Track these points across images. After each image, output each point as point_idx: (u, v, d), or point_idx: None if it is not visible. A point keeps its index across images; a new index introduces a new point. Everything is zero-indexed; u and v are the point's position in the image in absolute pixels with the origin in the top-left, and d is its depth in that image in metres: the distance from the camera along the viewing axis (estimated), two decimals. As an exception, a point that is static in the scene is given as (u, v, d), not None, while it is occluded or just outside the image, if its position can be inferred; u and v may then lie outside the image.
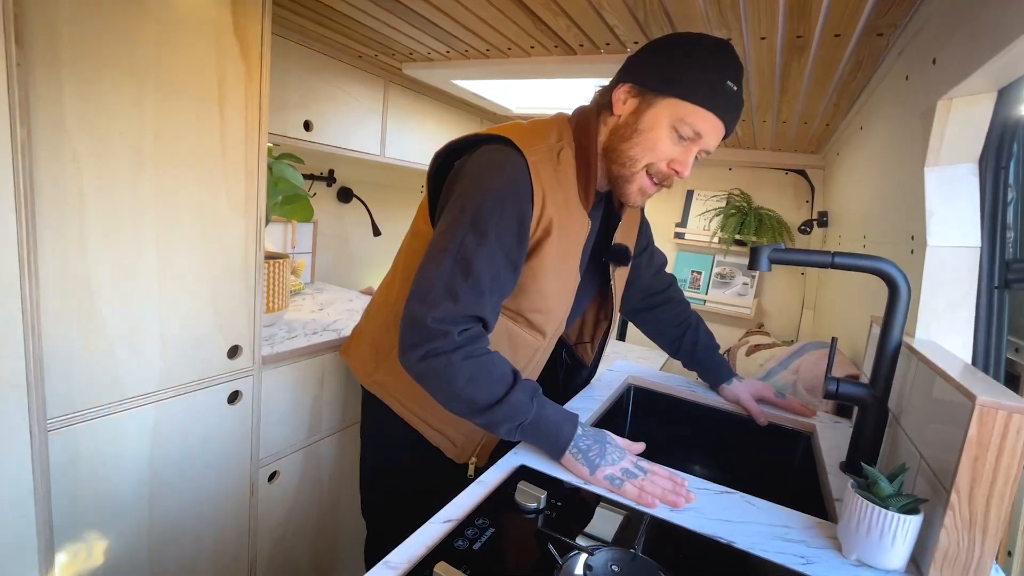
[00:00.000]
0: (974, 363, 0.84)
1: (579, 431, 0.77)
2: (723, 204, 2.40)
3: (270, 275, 1.23)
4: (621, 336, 2.80)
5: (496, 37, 1.16)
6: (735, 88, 0.77)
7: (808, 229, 2.14)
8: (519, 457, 0.80)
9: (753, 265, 0.91)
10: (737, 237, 2.28)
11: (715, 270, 2.49)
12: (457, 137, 0.85)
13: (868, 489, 0.63)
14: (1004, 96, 0.72)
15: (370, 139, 1.63)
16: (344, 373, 1.32)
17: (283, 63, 1.30)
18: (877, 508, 0.60)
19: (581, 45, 1.15)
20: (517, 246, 0.77)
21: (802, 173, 2.23)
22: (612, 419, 1.18)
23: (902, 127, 0.97)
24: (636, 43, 1.08)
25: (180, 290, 0.91)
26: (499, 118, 2.22)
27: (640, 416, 1.26)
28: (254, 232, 1.02)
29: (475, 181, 0.76)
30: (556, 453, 0.77)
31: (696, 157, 0.81)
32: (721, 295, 2.46)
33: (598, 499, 0.71)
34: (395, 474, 1.03)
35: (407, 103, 1.74)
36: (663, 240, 2.52)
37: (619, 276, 1.02)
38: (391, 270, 1.04)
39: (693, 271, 2.53)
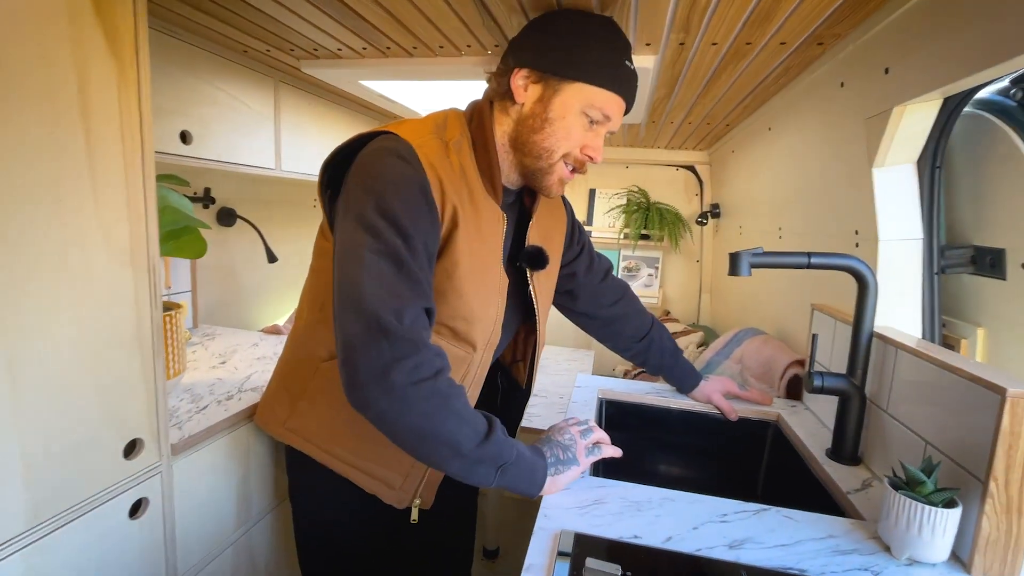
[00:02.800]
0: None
1: (549, 455, 0.76)
2: (624, 201, 2.50)
3: (165, 333, 0.94)
4: (538, 338, 2.80)
5: (430, 33, 1.02)
6: (632, 67, 0.78)
7: (704, 221, 2.31)
8: (552, 521, 0.70)
9: (734, 271, 0.91)
10: (643, 232, 2.39)
11: (622, 264, 2.59)
12: (342, 143, 0.76)
13: (909, 488, 0.65)
14: (947, 104, 0.79)
15: (263, 151, 1.36)
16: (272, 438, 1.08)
17: (151, 59, 1.01)
18: (923, 506, 0.62)
19: (525, 45, 1.06)
20: (432, 231, 0.71)
21: (691, 169, 2.41)
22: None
23: (833, 129, 1.05)
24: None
25: (44, 381, 0.64)
26: (401, 122, 2.04)
27: (614, 429, 1.23)
28: (147, 286, 0.76)
29: (369, 175, 0.70)
30: (534, 490, 0.74)
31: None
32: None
33: (673, 554, 0.64)
34: (333, 535, 0.90)
35: (303, 106, 1.49)
36: (572, 239, 2.55)
37: (541, 283, 0.93)
38: (300, 299, 0.90)
39: (602, 267, 2.60)
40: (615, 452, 0.84)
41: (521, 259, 0.88)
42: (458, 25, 0.97)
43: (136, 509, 0.79)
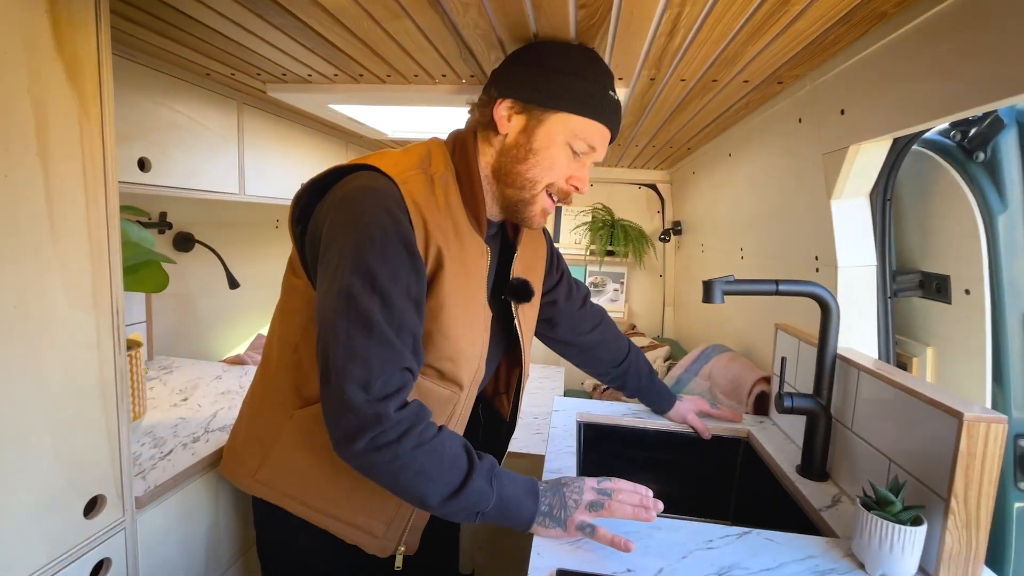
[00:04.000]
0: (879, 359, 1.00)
1: (544, 499, 0.73)
2: (589, 218, 2.55)
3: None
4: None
5: (405, 64, 1.02)
6: (615, 96, 0.78)
7: (667, 238, 2.39)
8: (544, 559, 0.69)
9: (708, 298, 0.94)
10: (609, 248, 2.44)
11: (589, 280, 2.64)
12: (316, 175, 0.74)
13: (879, 507, 0.69)
14: (896, 143, 0.86)
15: (226, 175, 1.31)
16: (244, 481, 1.03)
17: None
18: (893, 525, 0.66)
19: (500, 76, 1.07)
20: (415, 278, 0.68)
21: (653, 187, 2.49)
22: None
23: (792, 161, 1.11)
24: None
25: (-1, 443, 0.59)
26: (371, 143, 2.01)
27: (592, 451, 1.24)
28: (110, 329, 0.71)
29: (345, 221, 0.67)
30: (523, 529, 0.73)
31: None
32: (597, 302, 2.62)
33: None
34: None
35: (266, 128, 1.44)
36: (539, 256, 2.57)
37: (525, 315, 0.93)
38: (267, 339, 0.85)
39: (569, 283, 2.64)
40: (613, 542, 0.69)
41: (507, 292, 0.87)
42: (435, 57, 0.97)
43: (97, 571, 0.73)
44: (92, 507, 0.71)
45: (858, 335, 0.99)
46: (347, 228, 0.66)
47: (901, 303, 1.02)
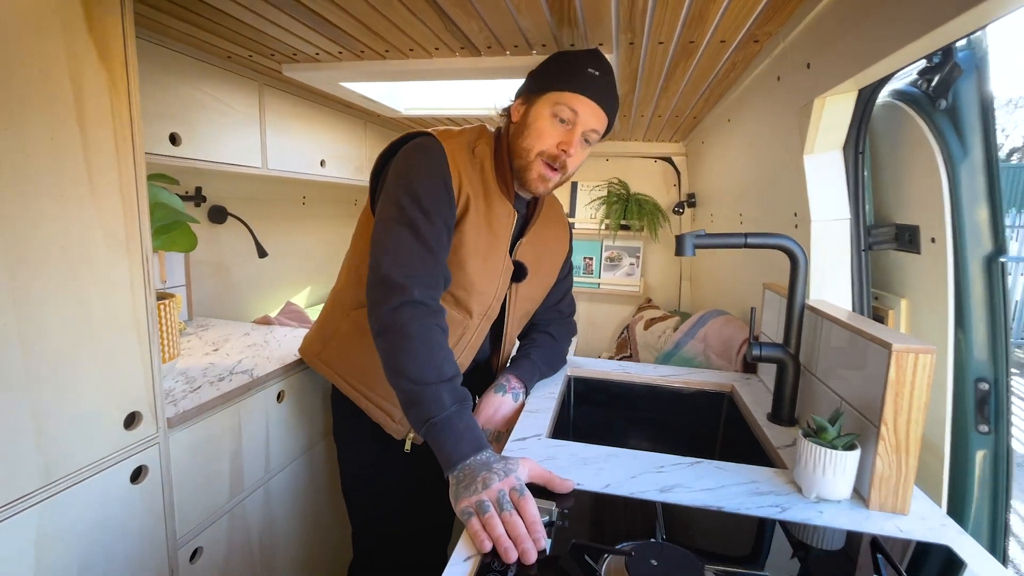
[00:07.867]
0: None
1: (477, 457, 0.70)
2: (605, 193, 2.58)
3: (159, 319, 1.03)
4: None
5: (399, 38, 1.10)
6: (597, 73, 0.91)
7: (681, 210, 2.40)
8: (506, 472, 0.78)
9: (680, 251, 0.99)
10: (622, 222, 2.47)
11: (604, 254, 2.67)
12: (392, 140, 0.96)
13: (816, 435, 0.74)
14: (861, 95, 0.87)
15: (250, 150, 1.44)
16: (263, 415, 1.17)
17: (141, 67, 1.09)
18: (827, 450, 0.71)
19: (489, 47, 1.14)
20: (448, 208, 0.89)
21: (668, 160, 2.49)
22: (558, 412, 1.21)
23: (774, 120, 1.13)
24: (544, 45, 1.10)
25: (52, 356, 0.72)
26: (388, 121, 2.11)
27: (582, 405, 1.32)
28: (141, 273, 0.84)
29: (404, 166, 0.89)
30: (445, 467, 0.72)
31: (587, 140, 0.94)
32: (612, 277, 2.66)
33: (607, 496, 0.72)
34: (355, 459, 1.11)
35: (287, 108, 1.57)
36: (555, 231, 2.63)
37: (519, 292, 1.07)
38: (341, 266, 1.10)
39: (585, 258, 2.69)
40: (476, 538, 0.61)
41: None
42: (424, 30, 1.05)
43: (137, 475, 0.88)
44: (131, 421, 0.85)
45: (832, 288, 1.01)
46: (407, 170, 0.88)
47: (881, 257, 1.04)
